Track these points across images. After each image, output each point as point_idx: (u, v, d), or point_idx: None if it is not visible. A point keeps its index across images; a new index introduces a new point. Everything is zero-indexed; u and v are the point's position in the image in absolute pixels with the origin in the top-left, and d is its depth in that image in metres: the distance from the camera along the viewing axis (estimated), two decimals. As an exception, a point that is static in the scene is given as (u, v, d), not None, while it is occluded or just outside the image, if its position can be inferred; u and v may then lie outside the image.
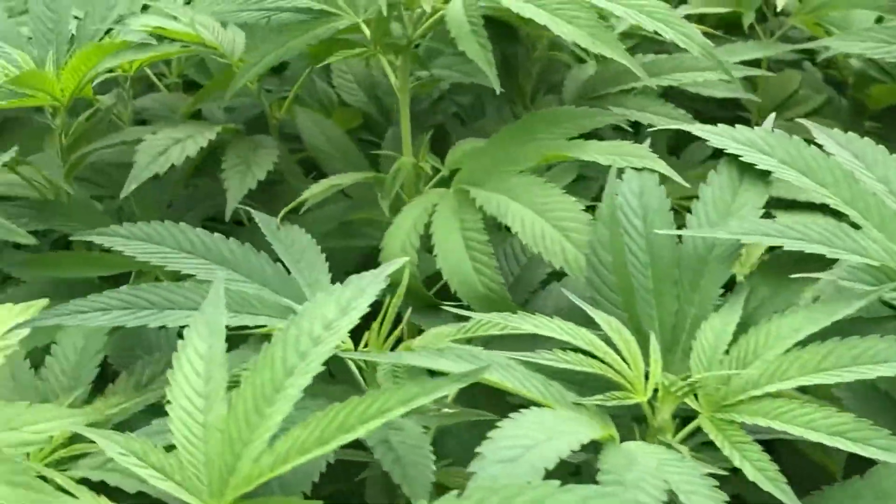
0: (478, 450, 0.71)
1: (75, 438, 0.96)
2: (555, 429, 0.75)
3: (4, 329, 0.94)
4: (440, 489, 0.79)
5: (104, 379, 1.09)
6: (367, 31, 1.22)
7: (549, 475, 0.68)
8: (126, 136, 1.30)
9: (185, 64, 1.62)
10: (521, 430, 0.73)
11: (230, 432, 0.76)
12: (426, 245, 1.10)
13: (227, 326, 0.86)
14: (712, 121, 1.44)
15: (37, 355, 1.11)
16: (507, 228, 1.07)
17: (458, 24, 1.11)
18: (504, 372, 0.81)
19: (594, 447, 0.77)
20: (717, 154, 1.59)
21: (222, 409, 0.78)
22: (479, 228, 1.07)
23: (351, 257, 1.28)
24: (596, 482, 0.71)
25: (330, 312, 0.82)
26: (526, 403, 0.79)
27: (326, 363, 0.79)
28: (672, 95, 1.51)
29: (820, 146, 1.05)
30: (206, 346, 0.82)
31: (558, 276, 1.15)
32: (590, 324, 0.93)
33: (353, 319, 0.81)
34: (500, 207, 1.06)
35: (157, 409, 1.06)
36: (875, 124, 1.88)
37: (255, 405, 0.77)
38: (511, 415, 0.75)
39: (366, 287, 0.84)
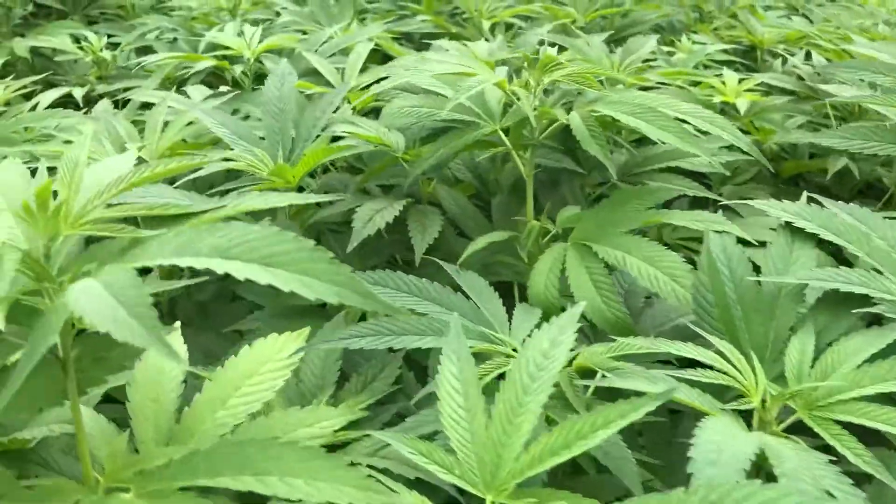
0: (689, 454, 0.60)
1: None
2: (731, 433, 0.64)
3: (290, 352, 0.82)
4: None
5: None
6: (503, 136, 1.11)
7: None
8: (337, 207, 1.18)
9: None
10: (711, 436, 0.62)
11: (492, 437, 0.65)
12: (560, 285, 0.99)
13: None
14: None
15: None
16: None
17: (580, 131, 1.01)
18: (678, 391, 0.70)
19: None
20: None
21: (483, 418, 0.67)
22: (604, 273, 0.96)
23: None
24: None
25: (545, 344, 0.71)
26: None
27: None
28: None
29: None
30: (457, 369, 0.71)
31: (650, 302, 1.04)
32: (688, 340, 0.83)
33: (565, 351, 0.70)
34: (619, 259, 0.95)
35: (382, 401, 0.95)
36: (785, 185, 1.83)
37: (507, 416, 0.66)
38: (699, 425, 0.64)
39: (564, 325, 0.73)
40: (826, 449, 0.69)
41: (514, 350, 0.85)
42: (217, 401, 0.76)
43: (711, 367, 0.76)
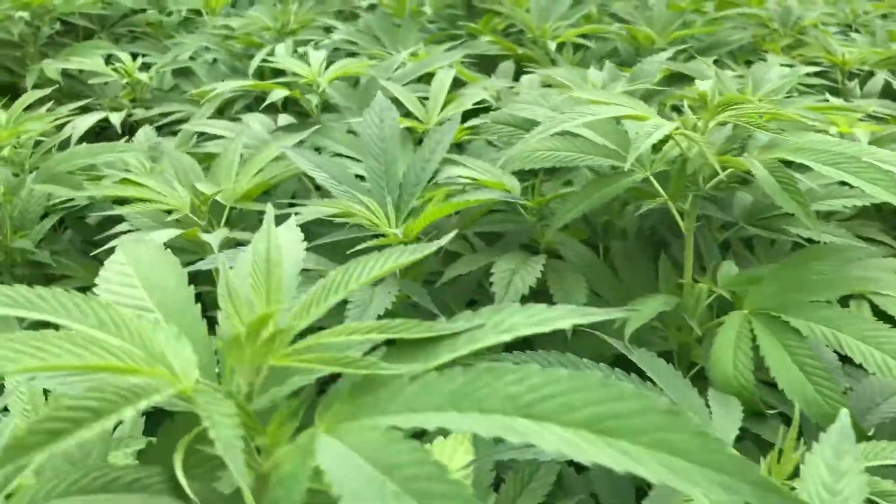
0: None
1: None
2: None
3: (463, 463, 0.68)
4: None
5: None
6: (655, 183, 0.97)
7: None
8: (471, 263, 1.03)
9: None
10: None
11: None
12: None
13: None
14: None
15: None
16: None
17: (768, 183, 0.87)
18: None
19: None
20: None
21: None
22: (810, 353, 0.82)
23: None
24: None
25: (822, 473, 0.57)
26: None
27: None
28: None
29: None
30: None
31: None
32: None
33: (856, 485, 0.56)
34: (828, 337, 0.81)
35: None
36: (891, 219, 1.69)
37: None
38: None
39: (840, 447, 0.59)
40: None
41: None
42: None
43: None
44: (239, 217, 1.32)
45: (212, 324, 0.53)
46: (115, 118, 1.88)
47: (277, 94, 1.41)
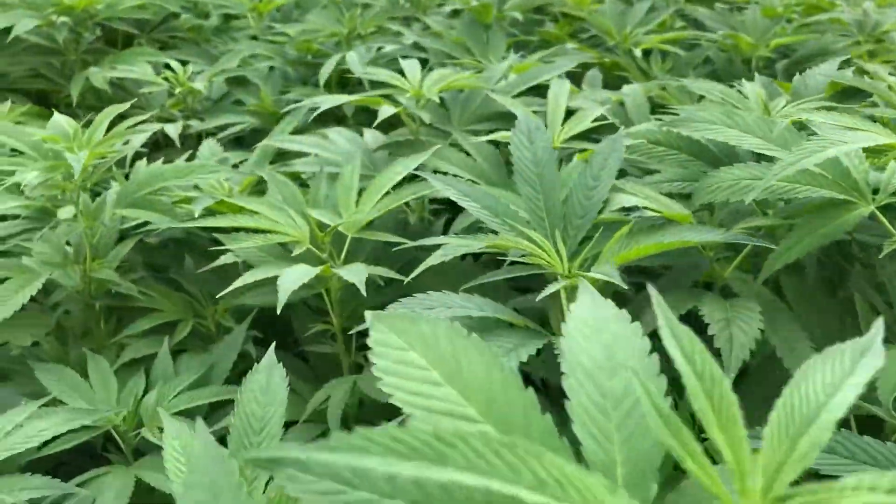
0: None
1: None
2: None
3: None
4: None
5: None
6: (883, 219, 0.85)
7: None
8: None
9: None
10: None
11: None
12: None
13: None
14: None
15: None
16: None
17: None
18: None
19: None
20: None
21: None
22: None
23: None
24: None
25: None
26: None
27: None
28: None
29: None
30: None
31: None
32: None
33: None
34: None
35: None
36: None
37: None
38: None
39: None
40: None
41: None
42: None
43: None
44: (353, 247, 1.18)
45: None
46: (172, 130, 1.74)
47: (387, 110, 1.27)
